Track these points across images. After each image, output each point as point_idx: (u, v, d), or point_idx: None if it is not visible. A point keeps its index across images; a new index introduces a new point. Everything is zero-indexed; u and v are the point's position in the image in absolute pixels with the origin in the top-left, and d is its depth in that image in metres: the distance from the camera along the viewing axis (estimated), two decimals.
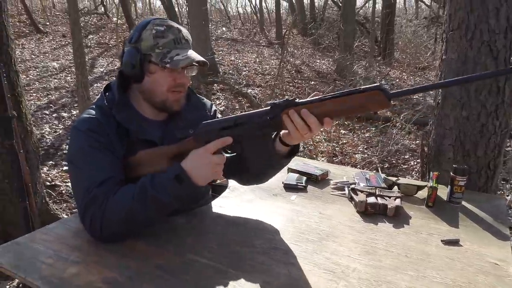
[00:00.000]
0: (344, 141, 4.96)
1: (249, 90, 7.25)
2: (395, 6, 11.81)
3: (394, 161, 4.20)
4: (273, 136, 1.16)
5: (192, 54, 1.18)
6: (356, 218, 1.36)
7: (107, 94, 1.23)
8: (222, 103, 6.51)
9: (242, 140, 1.09)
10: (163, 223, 1.22)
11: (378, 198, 1.42)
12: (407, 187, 1.55)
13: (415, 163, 3.99)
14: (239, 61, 9.83)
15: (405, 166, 3.98)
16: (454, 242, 1.21)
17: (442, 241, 1.21)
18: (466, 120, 1.75)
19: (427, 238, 1.23)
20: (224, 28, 14.76)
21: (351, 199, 1.48)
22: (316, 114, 0.99)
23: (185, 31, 1.21)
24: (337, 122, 5.72)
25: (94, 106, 1.21)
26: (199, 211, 1.32)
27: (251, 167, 1.17)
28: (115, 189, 1.07)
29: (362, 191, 1.47)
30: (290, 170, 1.71)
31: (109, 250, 1.07)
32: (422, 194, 1.53)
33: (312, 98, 1.01)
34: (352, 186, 1.52)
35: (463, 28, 1.68)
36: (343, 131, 5.37)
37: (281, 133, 1.12)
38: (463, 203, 1.50)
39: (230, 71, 8.67)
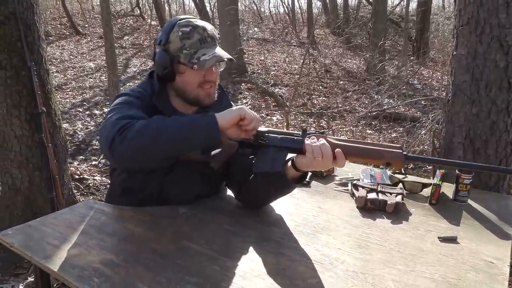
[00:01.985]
0: (369, 141, 4.88)
1: (276, 90, 7.27)
2: (430, 3, 11.43)
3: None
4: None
5: (218, 51, 1.24)
6: (354, 213, 1.36)
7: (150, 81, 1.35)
8: (249, 102, 6.57)
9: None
10: (165, 211, 1.28)
11: (379, 194, 1.42)
12: (413, 185, 1.54)
13: None
14: (269, 60, 9.86)
15: (430, 167, 3.87)
16: (452, 240, 1.19)
17: (439, 238, 1.19)
18: (476, 117, 1.71)
19: (424, 234, 1.22)
20: (256, 28, 14.83)
21: (352, 194, 1.48)
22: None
23: (210, 28, 1.27)
24: (364, 122, 5.64)
25: (140, 88, 1.33)
26: (200, 202, 1.37)
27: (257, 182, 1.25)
28: None
29: (363, 187, 1.47)
30: None
31: (110, 235, 1.14)
32: (428, 192, 1.51)
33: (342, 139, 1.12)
34: (355, 182, 1.53)
35: (472, 23, 1.64)
36: (369, 131, 5.29)
37: (295, 157, 1.15)
38: (470, 202, 1.47)
39: (259, 71, 8.73)
